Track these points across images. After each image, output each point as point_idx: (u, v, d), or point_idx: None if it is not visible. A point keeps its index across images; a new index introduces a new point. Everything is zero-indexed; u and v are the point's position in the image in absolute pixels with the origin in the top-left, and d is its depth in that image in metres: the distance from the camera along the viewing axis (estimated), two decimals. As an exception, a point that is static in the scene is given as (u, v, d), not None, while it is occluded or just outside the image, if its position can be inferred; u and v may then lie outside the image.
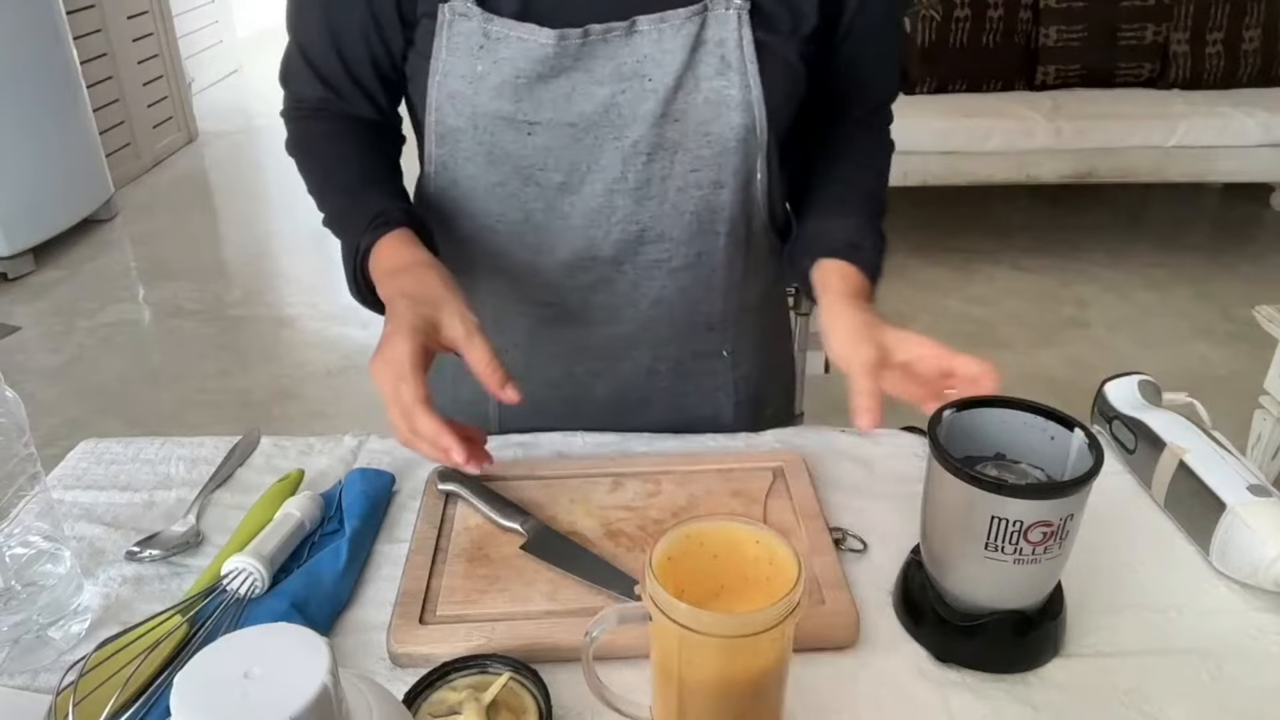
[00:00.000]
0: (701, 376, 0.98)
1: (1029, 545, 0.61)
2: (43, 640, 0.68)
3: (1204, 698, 0.65)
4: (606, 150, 0.80)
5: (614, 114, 0.79)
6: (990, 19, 3.88)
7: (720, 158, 0.82)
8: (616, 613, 0.57)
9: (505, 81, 0.77)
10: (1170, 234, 3.96)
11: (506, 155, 0.81)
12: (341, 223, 0.87)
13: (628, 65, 0.78)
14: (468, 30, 0.77)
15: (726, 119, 0.80)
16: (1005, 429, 0.69)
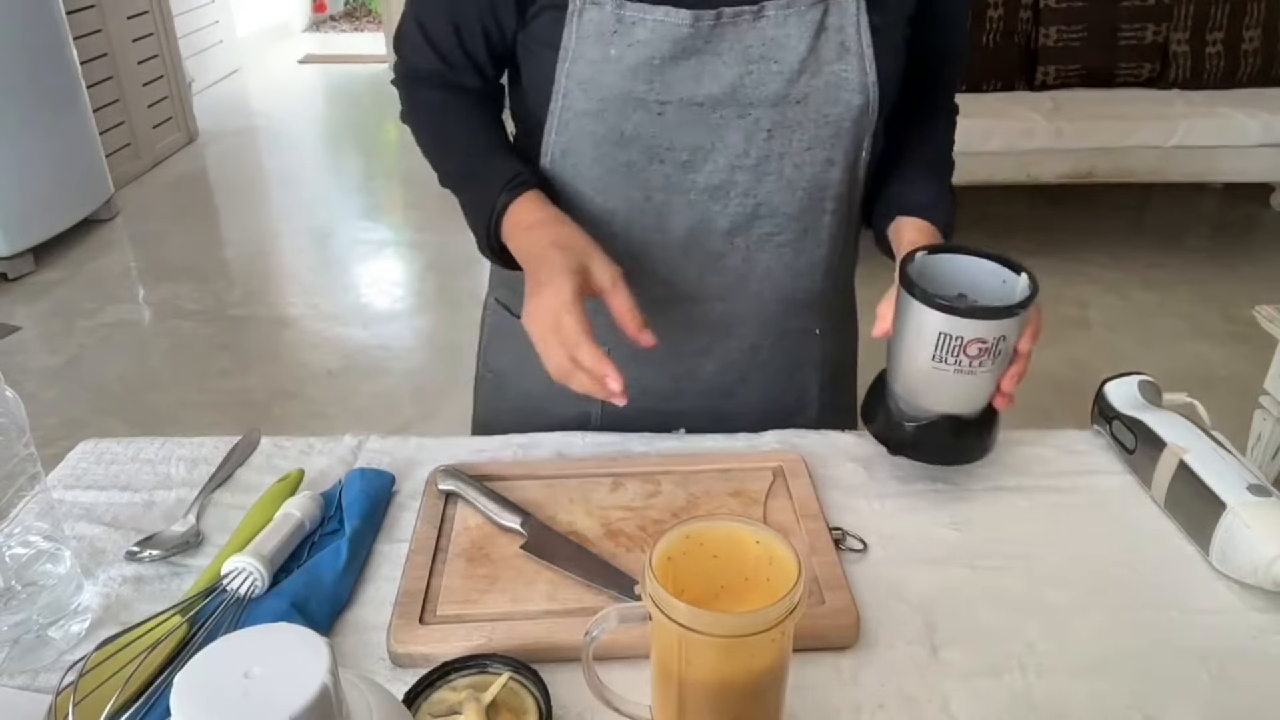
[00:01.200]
0: (795, 354, 1.01)
1: (967, 359, 0.74)
2: (43, 640, 0.68)
3: (1204, 698, 0.65)
4: (731, 129, 0.83)
5: (740, 94, 0.81)
6: (990, 19, 3.88)
7: (835, 137, 0.85)
8: (616, 613, 0.57)
9: (640, 63, 0.79)
10: (1170, 234, 3.96)
11: (635, 136, 0.83)
12: (472, 182, 0.90)
13: (755, 48, 0.80)
14: (600, 17, 0.79)
15: (845, 100, 0.83)
16: (967, 273, 0.80)
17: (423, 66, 0.93)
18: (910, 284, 0.75)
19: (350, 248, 3.86)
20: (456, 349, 3.10)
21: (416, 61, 0.93)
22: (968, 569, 0.77)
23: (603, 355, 0.73)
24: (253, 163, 5.00)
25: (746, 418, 0.97)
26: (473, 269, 3.74)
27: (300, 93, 6.20)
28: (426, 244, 3.88)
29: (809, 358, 1.02)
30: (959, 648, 0.69)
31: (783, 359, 1.00)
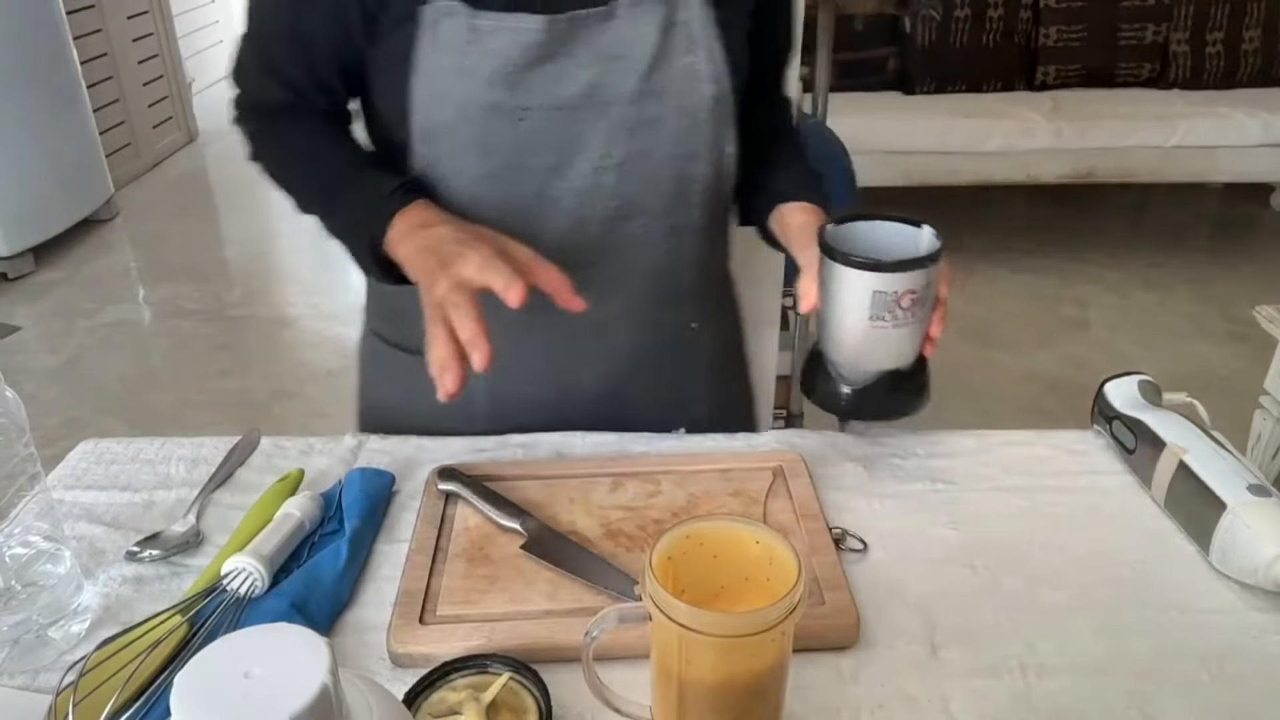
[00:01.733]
0: (677, 351, 1.01)
1: (902, 311, 0.78)
2: (43, 640, 0.68)
3: (1204, 698, 0.65)
4: (593, 130, 0.83)
5: (598, 94, 0.82)
6: (990, 19, 3.88)
7: (694, 129, 0.86)
8: (616, 613, 0.57)
9: (496, 71, 0.80)
10: (1170, 234, 3.97)
11: (498, 144, 0.83)
12: (349, 196, 0.86)
13: (608, 47, 0.82)
14: (453, 27, 0.79)
15: (699, 90, 0.85)
16: (873, 237, 0.82)
17: (268, 99, 0.90)
18: (835, 253, 0.78)
19: (350, 248, 3.86)
20: (456, 349, 3.10)
21: (262, 95, 0.91)
22: (968, 569, 0.77)
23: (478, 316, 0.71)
24: (253, 163, 5.00)
25: (639, 422, 0.96)
26: (473, 269, 3.74)
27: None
28: (426, 244, 3.88)
29: (692, 353, 1.02)
30: (959, 648, 0.69)
31: (666, 357, 1.00)
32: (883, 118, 3.64)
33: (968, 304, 3.34)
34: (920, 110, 3.76)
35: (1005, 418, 2.65)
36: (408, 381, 0.92)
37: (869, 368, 0.82)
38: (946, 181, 3.66)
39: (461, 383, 0.71)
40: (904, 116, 3.70)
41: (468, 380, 0.71)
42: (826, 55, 1.76)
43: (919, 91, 3.91)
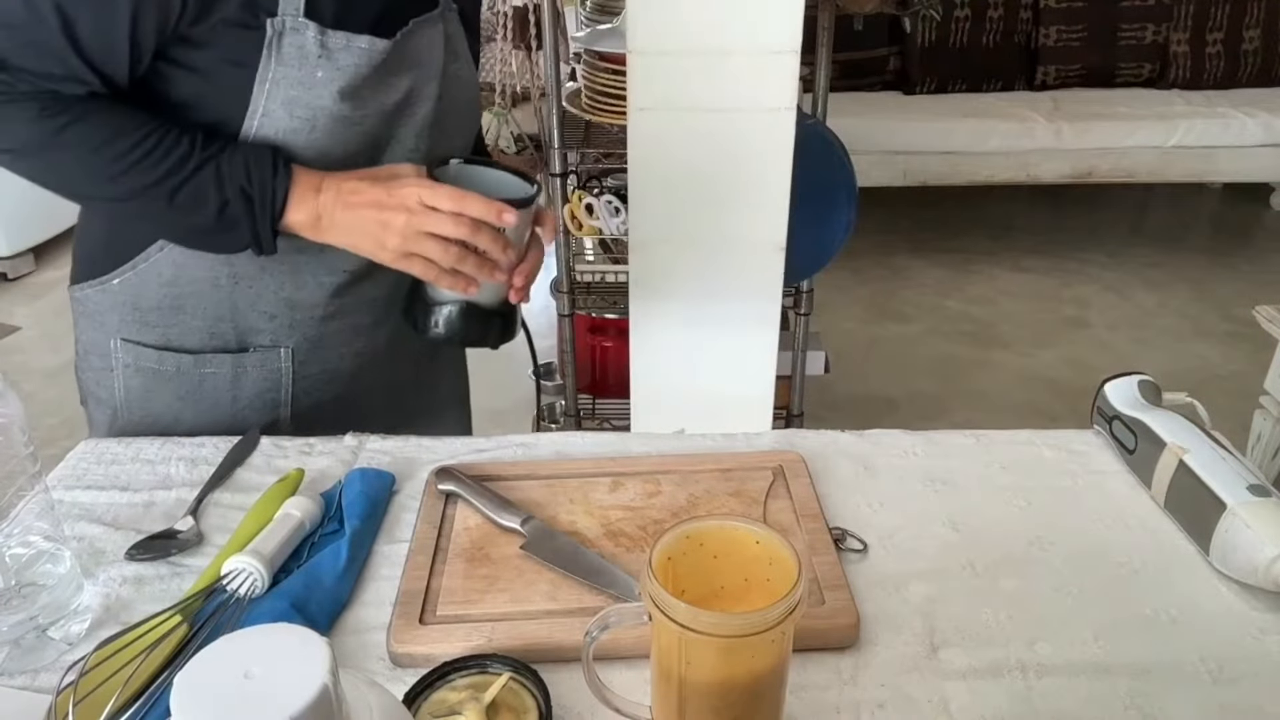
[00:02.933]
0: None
1: None
2: (43, 640, 0.68)
3: (1204, 698, 0.65)
4: (405, 127, 0.94)
5: (412, 97, 0.93)
6: (990, 19, 3.88)
7: (465, 123, 1.04)
8: (616, 613, 0.57)
9: (346, 85, 0.87)
10: (1170, 234, 3.97)
11: (335, 147, 0.90)
12: (226, 172, 0.86)
13: (417, 57, 0.93)
14: (301, 42, 0.85)
15: (468, 93, 1.03)
16: (492, 185, 0.89)
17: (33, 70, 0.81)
18: (436, 178, 0.87)
19: (350, 248, 3.86)
20: (456, 349, 3.10)
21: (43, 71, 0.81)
22: (968, 569, 0.77)
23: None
24: (253, 163, 4.99)
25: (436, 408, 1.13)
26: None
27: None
28: (426, 244, 3.88)
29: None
30: (959, 648, 0.69)
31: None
32: (883, 118, 3.64)
33: (968, 304, 3.34)
34: (920, 110, 3.76)
35: (1005, 418, 2.65)
36: (186, 384, 0.98)
37: (451, 295, 0.90)
38: (946, 181, 3.66)
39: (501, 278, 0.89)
40: (904, 116, 3.70)
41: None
42: (826, 55, 1.76)
43: (919, 91, 3.91)
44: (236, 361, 0.98)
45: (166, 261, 0.93)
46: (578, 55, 1.98)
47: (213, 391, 0.99)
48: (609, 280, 2.00)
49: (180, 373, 0.98)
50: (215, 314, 0.96)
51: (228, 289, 0.95)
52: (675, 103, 1.38)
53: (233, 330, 0.97)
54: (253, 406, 1.00)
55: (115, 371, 1.00)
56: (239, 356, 0.98)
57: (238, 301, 0.96)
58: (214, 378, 0.98)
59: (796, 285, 1.90)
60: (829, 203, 1.71)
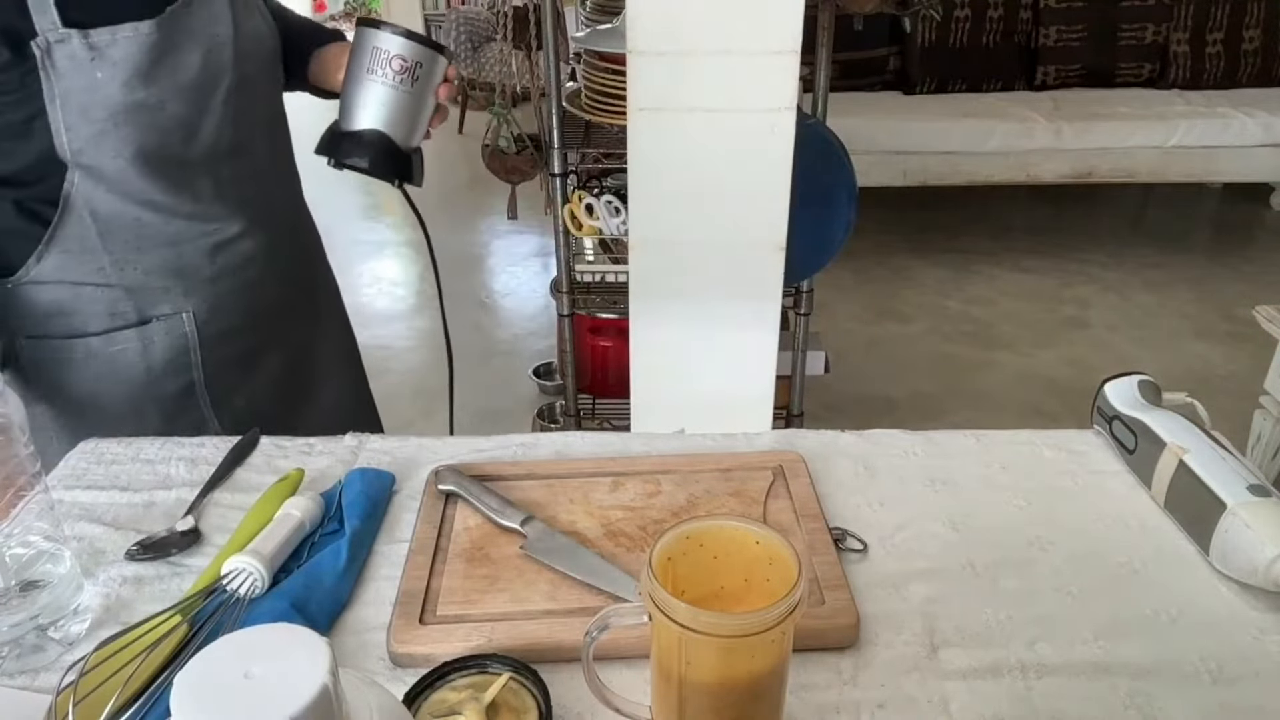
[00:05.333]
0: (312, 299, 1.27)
1: (393, 73, 0.99)
2: (43, 640, 0.68)
3: (1204, 698, 0.65)
4: (213, 98, 1.00)
5: (210, 66, 0.98)
6: (990, 19, 3.88)
7: (271, 73, 1.09)
8: (616, 613, 0.57)
9: (130, 76, 0.91)
10: (1170, 234, 3.97)
11: (148, 130, 0.95)
12: None
13: (204, 29, 0.97)
14: (70, 50, 0.88)
15: (266, 45, 1.07)
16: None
17: None
18: (365, 22, 1.01)
19: (350, 248, 3.86)
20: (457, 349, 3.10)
21: None
22: (968, 569, 0.77)
23: None
24: (253, 163, 4.99)
25: (328, 363, 1.24)
26: (473, 269, 3.74)
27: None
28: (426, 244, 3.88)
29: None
30: (959, 648, 0.69)
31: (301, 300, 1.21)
32: (883, 118, 3.64)
33: (968, 304, 3.34)
34: (920, 110, 3.76)
35: (1005, 418, 2.65)
36: (97, 365, 1.02)
37: (364, 123, 1.01)
38: (946, 181, 3.66)
39: None
40: (904, 116, 3.70)
41: None
42: (826, 55, 1.76)
43: (919, 91, 3.91)
44: (142, 334, 1.03)
45: (51, 267, 0.98)
46: (578, 55, 1.98)
47: (126, 367, 1.03)
48: (609, 280, 2.00)
49: (90, 355, 1.02)
50: (110, 297, 1.01)
51: (114, 274, 1.00)
52: (675, 103, 1.38)
53: (132, 307, 1.02)
54: (166, 373, 1.06)
55: (26, 372, 1.03)
56: (143, 329, 1.03)
57: (127, 282, 1.01)
58: (124, 354, 1.03)
59: (796, 285, 1.90)
60: (829, 203, 1.71)
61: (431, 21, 6.14)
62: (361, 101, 1.01)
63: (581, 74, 1.85)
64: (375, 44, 0.99)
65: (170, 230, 1.01)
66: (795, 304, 1.93)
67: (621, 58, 1.37)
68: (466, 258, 3.81)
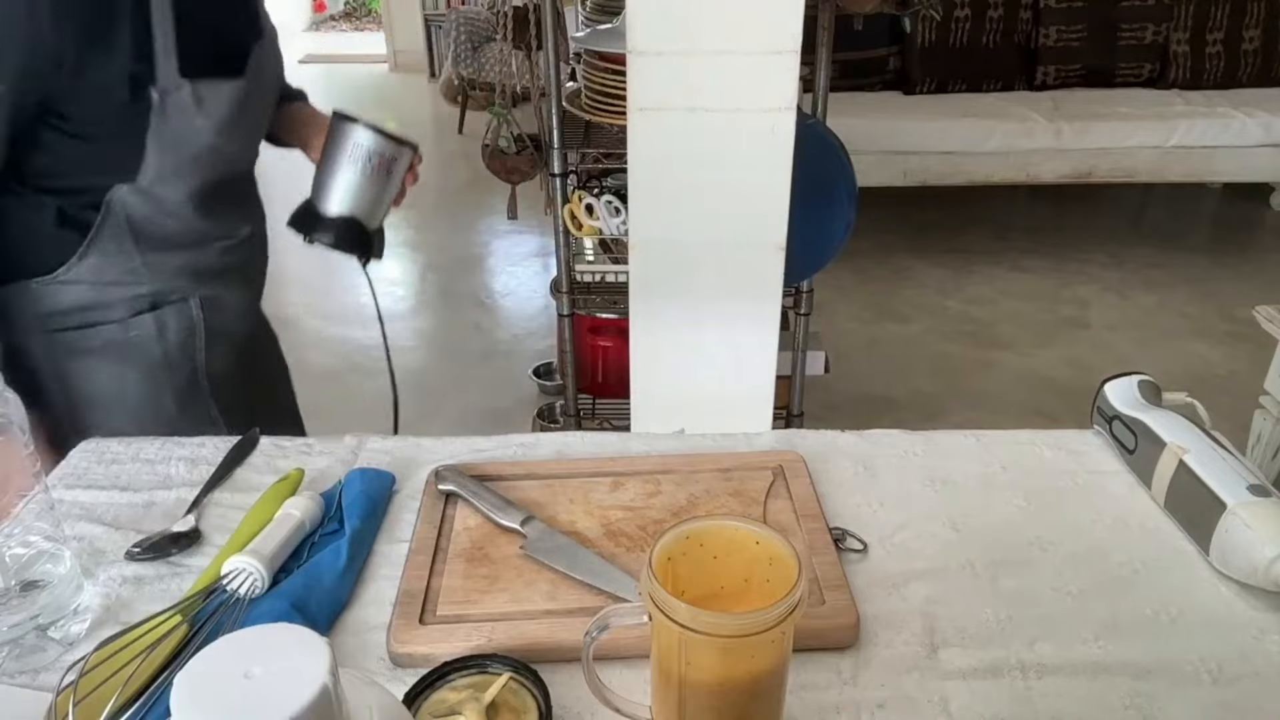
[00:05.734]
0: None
1: (369, 166, 1.11)
2: (43, 640, 0.68)
3: (1204, 698, 0.65)
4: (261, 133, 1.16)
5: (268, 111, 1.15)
6: (990, 19, 3.88)
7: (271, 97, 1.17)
8: (616, 613, 0.57)
9: (222, 123, 1.03)
10: (1170, 234, 3.97)
11: (215, 169, 1.07)
12: None
13: (268, 73, 1.12)
14: (181, 98, 0.98)
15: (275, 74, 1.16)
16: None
17: None
18: (343, 117, 1.11)
19: (350, 248, 3.86)
20: (456, 349, 3.10)
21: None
22: (968, 569, 0.77)
23: None
24: (253, 163, 4.99)
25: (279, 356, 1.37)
26: (473, 269, 3.74)
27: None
28: (426, 244, 3.88)
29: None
30: (959, 648, 0.69)
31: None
32: (883, 118, 3.64)
33: (967, 304, 3.34)
34: (920, 110, 3.76)
35: (1005, 418, 2.65)
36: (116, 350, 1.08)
37: (336, 207, 1.12)
38: (946, 181, 3.65)
39: None
40: (904, 116, 3.70)
41: None
42: (826, 55, 1.76)
43: (919, 91, 3.91)
44: (157, 319, 1.09)
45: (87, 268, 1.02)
46: (578, 55, 1.98)
47: (142, 353, 1.09)
48: (609, 280, 2.00)
49: (109, 342, 1.07)
50: (134, 291, 1.06)
51: (145, 273, 1.06)
52: (675, 103, 1.38)
53: (148, 297, 1.08)
54: (177, 357, 1.12)
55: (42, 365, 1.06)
56: (158, 313, 1.09)
57: (153, 279, 1.07)
58: (140, 338, 1.09)
59: (796, 285, 1.90)
60: (829, 203, 1.71)
61: (431, 21, 6.13)
62: (336, 188, 1.12)
63: (581, 74, 1.85)
64: (355, 140, 1.10)
65: (196, 234, 1.09)
66: (795, 304, 1.93)
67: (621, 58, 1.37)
68: (466, 258, 3.81)
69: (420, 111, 5.80)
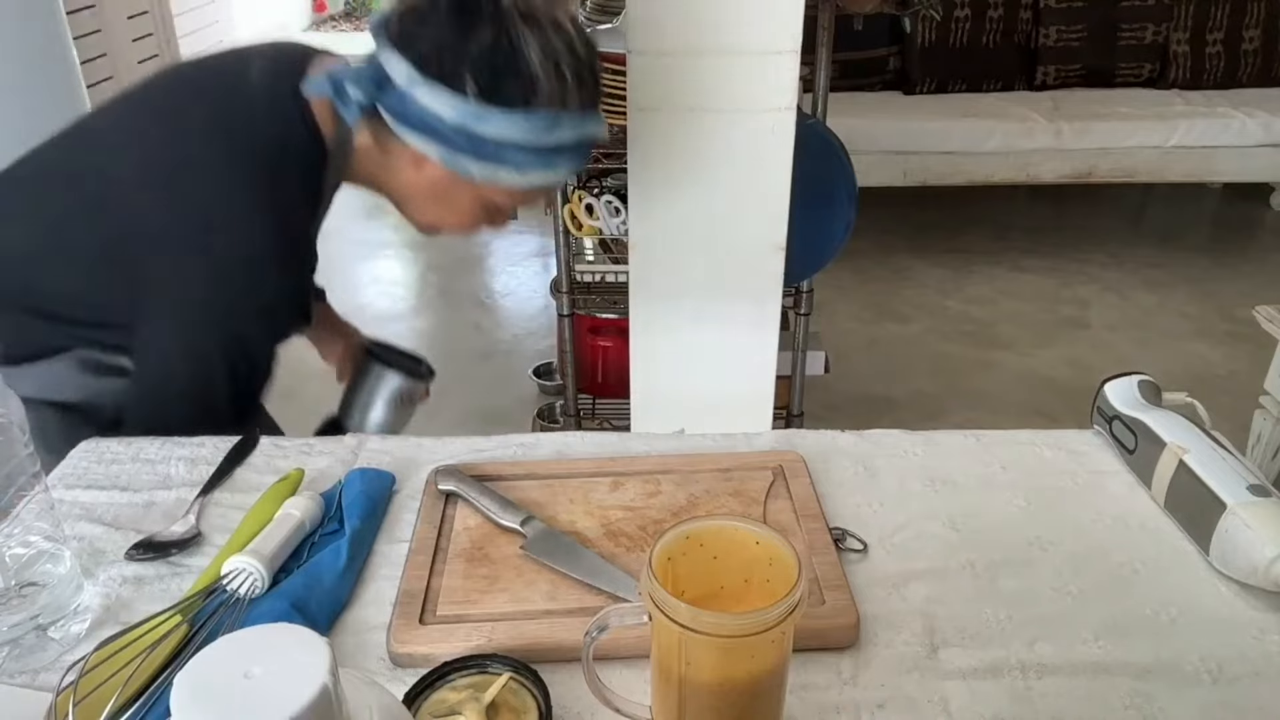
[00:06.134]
0: None
1: (397, 402, 1.28)
2: (43, 640, 0.68)
3: (1204, 698, 0.65)
4: None
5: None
6: (990, 19, 3.88)
7: None
8: (616, 613, 0.57)
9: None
10: (1170, 234, 3.96)
11: None
12: None
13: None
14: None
15: None
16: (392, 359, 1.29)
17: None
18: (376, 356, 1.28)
19: (350, 248, 3.86)
20: (456, 349, 3.10)
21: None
22: (968, 569, 0.77)
23: None
24: (253, 163, 4.99)
25: None
26: (473, 269, 3.74)
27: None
28: (427, 244, 3.88)
29: None
30: (959, 648, 0.69)
31: None
32: (883, 118, 3.63)
33: (967, 304, 3.34)
34: (920, 110, 3.75)
35: (1005, 418, 2.65)
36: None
37: (366, 431, 1.22)
38: (946, 181, 3.65)
39: None
40: (904, 116, 3.70)
41: None
42: (826, 55, 1.76)
43: (919, 91, 3.91)
44: None
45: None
46: (578, 55, 1.98)
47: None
48: (609, 280, 1.99)
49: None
50: None
51: None
52: (675, 103, 1.38)
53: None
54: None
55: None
56: None
57: None
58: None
59: (796, 285, 1.90)
60: (829, 203, 1.71)
61: (431, 21, 6.13)
62: (366, 420, 1.25)
63: (581, 74, 1.85)
64: (387, 383, 1.24)
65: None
66: (795, 304, 1.93)
67: (621, 58, 1.36)
68: (466, 258, 3.80)
69: (420, 111, 5.79)
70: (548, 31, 0.88)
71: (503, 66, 0.86)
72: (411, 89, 0.87)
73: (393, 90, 0.88)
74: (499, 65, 0.86)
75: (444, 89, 0.86)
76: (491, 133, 0.87)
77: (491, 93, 0.86)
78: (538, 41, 0.87)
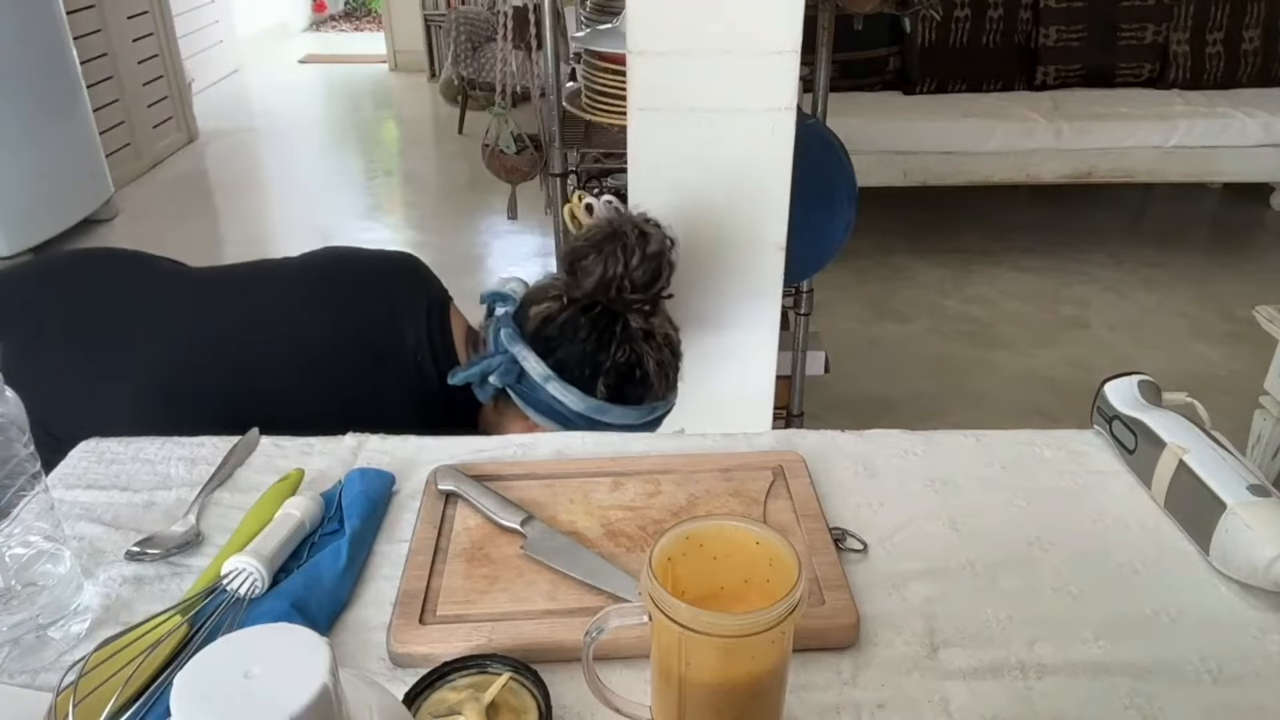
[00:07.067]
0: None
1: None
2: (43, 640, 0.68)
3: (1204, 698, 0.65)
4: None
5: None
6: (990, 19, 3.88)
7: None
8: (616, 613, 0.57)
9: None
10: (1170, 234, 3.96)
11: None
12: None
13: None
14: None
15: None
16: None
17: None
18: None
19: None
20: (456, 349, 3.09)
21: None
22: (968, 569, 0.77)
23: None
24: (253, 162, 5.00)
25: None
26: (473, 269, 3.74)
27: (300, 93, 6.20)
28: (427, 244, 3.88)
29: None
30: (959, 648, 0.69)
31: None
32: (883, 118, 3.63)
33: (967, 304, 3.34)
34: (920, 110, 3.75)
35: (1005, 418, 2.65)
36: None
37: None
38: (946, 181, 3.65)
39: None
40: (904, 116, 3.70)
41: None
42: (826, 55, 1.76)
43: (919, 91, 3.91)
44: None
45: None
46: (578, 55, 1.98)
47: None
48: (609, 280, 1.99)
49: None
50: None
51: None
52: (675, 103, 1.38)
53: None
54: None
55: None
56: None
57: None
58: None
59: (796, 285, 1.90)
60: (829, 203, 1.71)
61: (431, 21, 6.13)
62: None
63: (581, 74, 1.85)
64: None
65: None
66: (795, 304, 1.93)
67: (621, 58, 1.37)
68: (466, 258, 3.80)
69: (420, 111, 5.80)
70: (660, 346, 1.09)
71: (627, 376, 1.06)
72: (546, 384, 1.04)
73: (527, 380, 1.05)
74: (624, 375, 1.06)
75: (576, 390, 1.04)
76: (609, 420, 1.06)
77: (616, 395, 1.06)
78: (654, 357, 1.07)
